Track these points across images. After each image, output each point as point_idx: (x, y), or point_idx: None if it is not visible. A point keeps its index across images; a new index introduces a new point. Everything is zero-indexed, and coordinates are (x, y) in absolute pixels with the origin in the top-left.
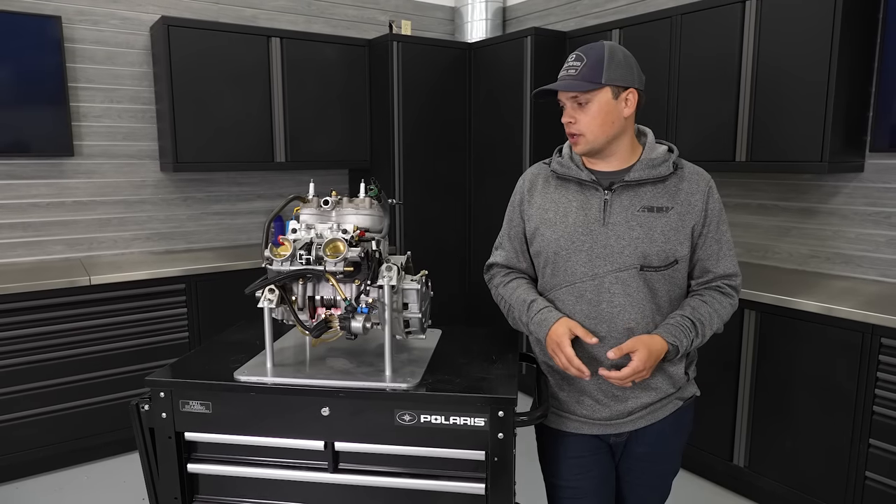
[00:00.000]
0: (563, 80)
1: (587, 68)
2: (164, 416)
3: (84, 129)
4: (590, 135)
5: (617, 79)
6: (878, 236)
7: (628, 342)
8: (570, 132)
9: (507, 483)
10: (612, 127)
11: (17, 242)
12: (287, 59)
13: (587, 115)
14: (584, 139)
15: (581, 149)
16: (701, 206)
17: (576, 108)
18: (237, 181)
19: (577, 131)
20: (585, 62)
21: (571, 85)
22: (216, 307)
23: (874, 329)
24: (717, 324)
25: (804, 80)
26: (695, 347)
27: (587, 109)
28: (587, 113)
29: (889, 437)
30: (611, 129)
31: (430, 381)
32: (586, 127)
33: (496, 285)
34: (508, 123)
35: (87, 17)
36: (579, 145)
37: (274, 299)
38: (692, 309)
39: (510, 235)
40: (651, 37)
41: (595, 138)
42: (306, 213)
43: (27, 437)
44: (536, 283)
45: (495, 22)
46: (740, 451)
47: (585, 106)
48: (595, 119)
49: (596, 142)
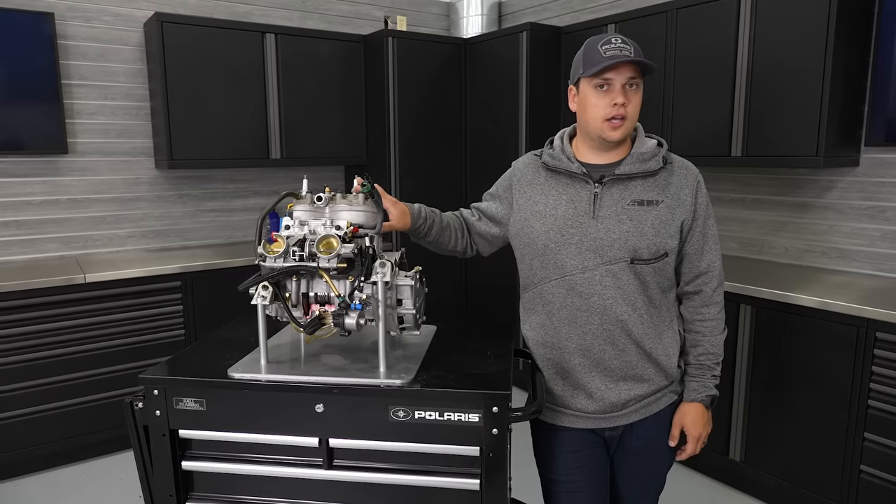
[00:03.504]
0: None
1: (637, 54)
2: (158, 414)
3: (78, 126)
4: (631, 121)
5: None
6: (874, 231)
7: (673, 429)
8: (617, 114)
9: (503, 478)
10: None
11: (12, 241)
12: (282, 56)
13: (635, 99)
14: (627, 125)
15: (621, 134)
16: (690, 200)
17: (629, 91)
18: (232, 178)
19: (625, 114)
20: (633, 48)
21: (646, 63)
22: (212, 304)
23: (869, 323)
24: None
25: (799, 75)
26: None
27: (636, 93)
28: (636, 97)
29: (884, 431)
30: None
31: (424, 377)
32: (633, 111)
33: None
34: (504, 119)
35: (80, 14)
36: (620, 130)
37: (267, 296)
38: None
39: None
40: (646, 31)
41: (632, 125)
42: (300, 209)
43: (24, 436)
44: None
45: (491, 17)
46: (736, 446)
47: (636, 90)
48: (638, 105)
49: (631, 129)
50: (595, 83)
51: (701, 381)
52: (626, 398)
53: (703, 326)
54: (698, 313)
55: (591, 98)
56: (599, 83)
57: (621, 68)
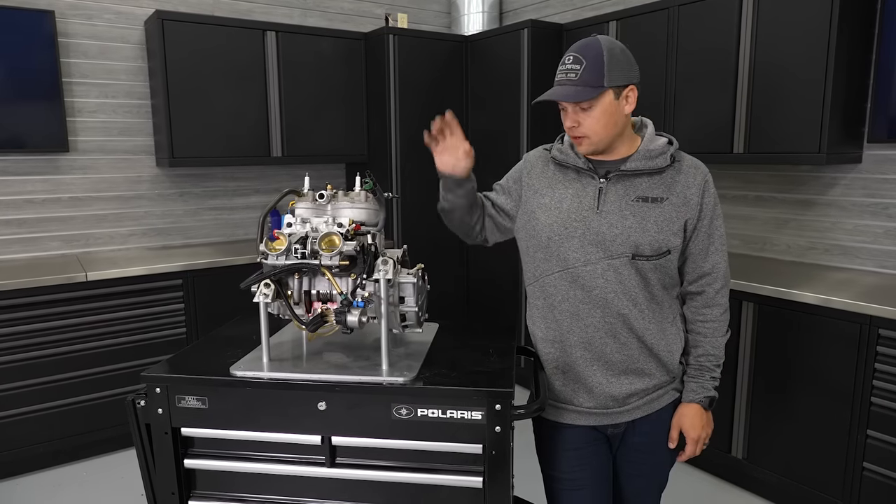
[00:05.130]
0: (563, 87)
1: (587, 72)
2: (161, 412)
3: (79, 124)
4: (594, 136)
5: (618, 79)
6: (876, 227)
7: (672, 431)
8: (573, 135)
9: (505, 476)
10: (615, 127)
11: (13, 239)
12: (283, 53)
13: (591, 118)
14: (589, 140)
15: (585, 149)
16: (697, 199)
17: (578, 112)
18: (234, 176)
19: (581, 134)
20: (585, 65)
21: (573, 93)
22: (213, 302)
23: (872, 320)
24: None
25: (802, 72)
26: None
27: (591, 113)
28: (591, 116)
29: (887, 428)
30: (614, 129)
31: (426, 374)
32: (590, 129)
33: None
34: (505, 116)
35: (81, 12)
36: (583, 146)
37: (270, 294)
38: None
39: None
40: (648, 29)
41: (599, 140)
42: (301, 207)
43: (25, 434)
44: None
45: (492, 14)
46: (739, 443)
47: (589, 110)
48: (599, 121)
49: (601, 143)
50: None
51: (700, 382)
52: (627, 392)
53: (705, 327)
54: (700, 314)
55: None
56: (559, 105)
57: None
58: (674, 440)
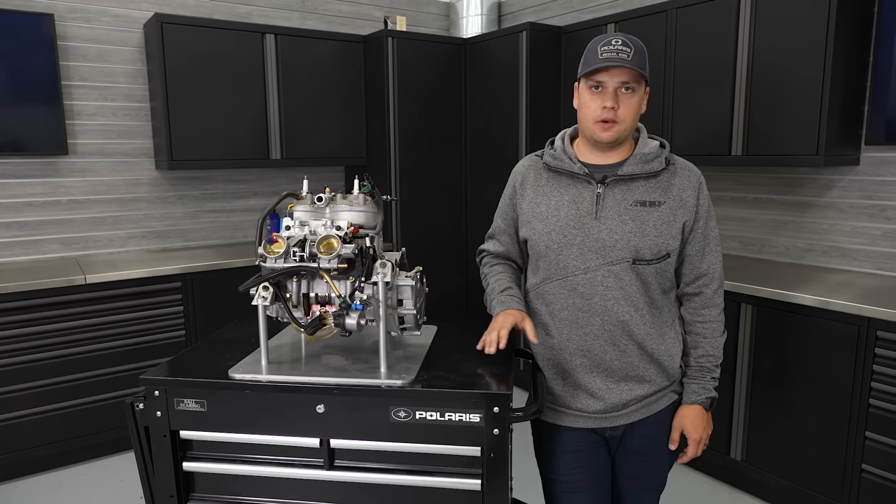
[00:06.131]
0: (621, 61)
1: (636, 56)
2: (159, 415)
3: (78, 127)
4: (624, 124)
5: (647, 77)
6: (874, 229)
7: (673, 433)
8: (607, 117)
9: (504, 479)
10: (636, 121)
11: (13, 242)
12: (282, 56)
13: (629, 103)
14: (619, 127)
15: (611, 136)
16: (693, 202)
17: (621, 94)
18: (233, 178)
19: (615, 118)
20: (634, 50)
21: (639, 64)
22: (213, 305)
23: (870, 322)
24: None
25: (799, 74)
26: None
27: (631, 98)
28: (630, 100)
29: (885, 430)
30: (634, 123)
31: (425, 377)
32: (625, 115)
33: (484, 264)
34: (504, 119)
35: (80, 15)
36: (611, 132)
37: (268, 297)
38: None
39: (502, 228)
40: (646, 31)
41: (626, 128)
42: (300, 209)
43: (25, 437)
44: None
45: (490, 17)
46: (737, 445)
47: (630, 93)
48: (633, 109)
49: (626, 132)
50: (590, 84)
51: (700, 383)
52: (626, 399)
53: (704, 328)
54: (698, 315)
55: (586, 98)
56: (593, 84)
57: (613, 71)
58: (675, 441)
